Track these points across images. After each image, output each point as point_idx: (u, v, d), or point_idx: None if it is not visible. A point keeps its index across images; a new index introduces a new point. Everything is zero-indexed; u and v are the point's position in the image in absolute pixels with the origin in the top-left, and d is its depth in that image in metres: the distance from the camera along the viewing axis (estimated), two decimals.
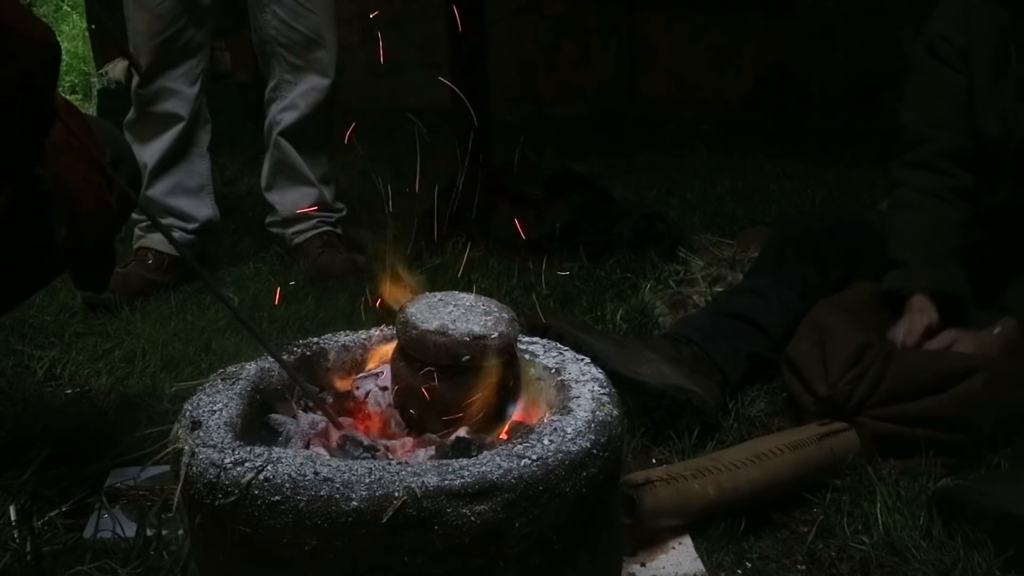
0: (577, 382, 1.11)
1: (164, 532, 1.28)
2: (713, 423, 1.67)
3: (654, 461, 1.60)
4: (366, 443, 1.05)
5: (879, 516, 1.40)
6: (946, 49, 1.83)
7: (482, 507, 0.89)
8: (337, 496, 0.87)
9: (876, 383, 1.57)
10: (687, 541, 1.36)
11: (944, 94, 1.84)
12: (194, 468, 0.95)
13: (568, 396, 1.08)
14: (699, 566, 1.31)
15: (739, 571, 1.32)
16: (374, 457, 1.02)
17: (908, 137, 1.89)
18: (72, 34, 7.20)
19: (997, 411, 1.55)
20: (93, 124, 1.27)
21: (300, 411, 1.14)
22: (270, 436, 1.08)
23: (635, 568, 1.30)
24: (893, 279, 1.77)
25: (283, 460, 0.92)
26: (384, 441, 1.08)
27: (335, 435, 1.08)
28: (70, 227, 1.14)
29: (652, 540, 1.35)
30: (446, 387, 1.07)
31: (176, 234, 2.53)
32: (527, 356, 1.19)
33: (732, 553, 1.35)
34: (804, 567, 1.34)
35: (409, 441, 1.08)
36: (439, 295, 1.14)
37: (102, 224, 1.19)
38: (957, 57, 1.81)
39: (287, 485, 0.89)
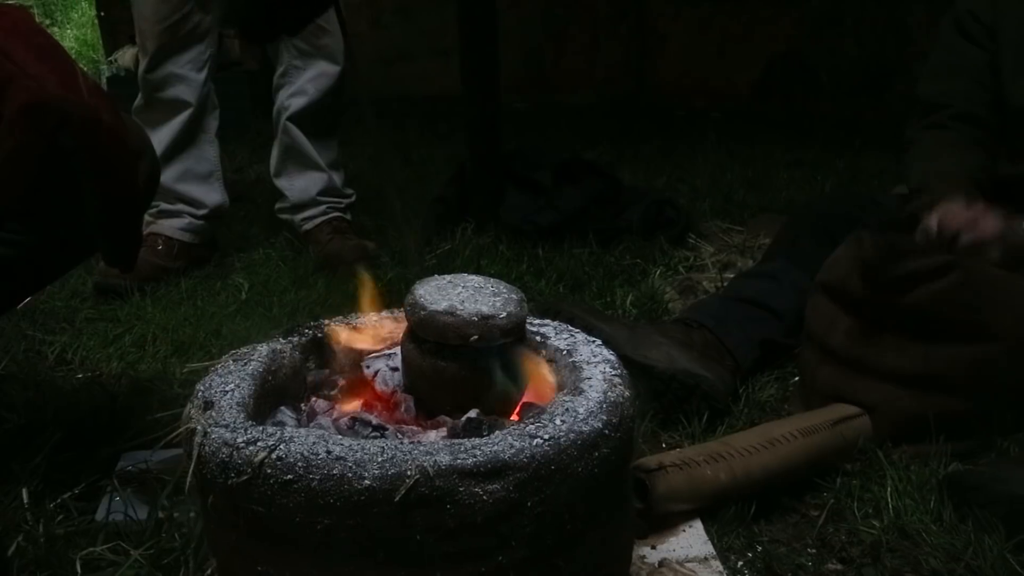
0: (588, 363, 1.11)
1: (176, 514, 1.29)
2: (723, 408, 1.67)
3: (664, 445, 1.60)
4: (375, 423, 1.05)
5: (889, 500, 1.40)
6: (972, 25, 1.81)
7: (494, 486, 0.89)
8: (350, 475, 0.87)
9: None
10: (697, 524, 1.36)
11: (964, 69, 1.82)
12: (206, 448, 0.95)
13: (580, 377, 1.08)
14: (709, 549, 1.31)
15: (749, 554, 1.32)
16: (384, 436, 1.02)
17: (922, 106, 1.87)
18: (81, 21, 7.22)
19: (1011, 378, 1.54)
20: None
21: (314, 399, 1.15)
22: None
23: (645, 550, 1.30)
24: (915, 203, 1.72)
25: (295, 439, 0.92)
26: (394, 422, 1.09)
27: (344, 416, 1.09)
28: (103, 198, 1.16)
29: (662, 523, 1.35)
30: (455, 367, 1.07)
31: (186, 220, 2.54)
32: (538, 338, 1.19)
33: (742, 536, 1.35)
34: (814, 551, 1.34)
35: (419, 422, 1.08)
36: (448, 277, 1.14)
37: (134, 196, 1.20)
38: (983, 34, 1.79)
39: (299, 464, 0.89)
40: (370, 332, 1.24)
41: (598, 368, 1.09)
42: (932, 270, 1.49)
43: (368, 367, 1.17)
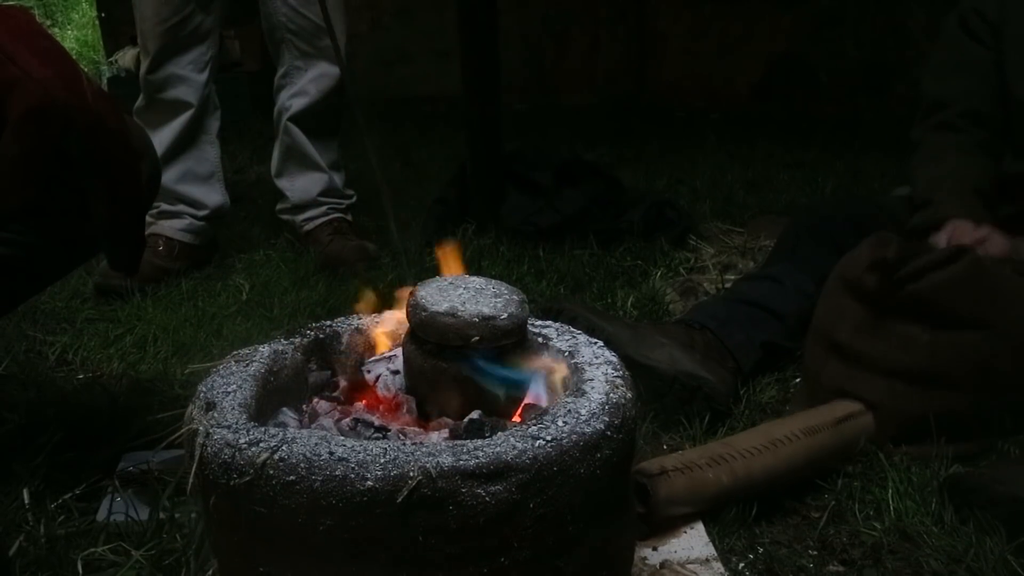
0: (591, 365, 1.11)
1: (177, 515, 1.29)
2: (724, 410, 1.67)
3: (665, 447, 1.60)
4: (377, 424, 1.05)
5: (891, 502, 1.40)
6: (977, 23, 1.82)
7: (496, 488, 0.89)
8: (352, 476, 0.87)
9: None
10: (699, 526, 1.36)
11: (967, 66, 1.83)
12: (209, 448, 0.95)
13: (582, 378, 1.08)
14: (711, 551, 1.31)
15: (750, 556, 1.32)
16: (386, 438, 1.02)
17: (927, 103, 1.88)
18: (82, 22, 7.22)
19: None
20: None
21: (316, 400, 1.14)
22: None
23: (647, 551, 1.30)
24: (921, 216, 1.74)
25: (298, 440, 0.92)
26: (396, 423, 1.09)
27: (346, 417, 1.08)
28: (107, 201, 1.16)
29: (664, 525, 1.35)
30: (456, 368, 1.07)
31: (187, 221, 2.54)
32: (540, 339, 1.19)
33: (744, 538, 1.35)
34: (815, 552, 1.34)
35: (421, 423, 1.08)
36: (449, 279, 1.14)
37: (137, 198, 1.21)
38: (987, 32, 1.80)
39: (302, 465, 0.89)
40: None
41: (600, 369, 1.09)
42: (943, 259, 1.50)
43: (369, 371, 1.17)
